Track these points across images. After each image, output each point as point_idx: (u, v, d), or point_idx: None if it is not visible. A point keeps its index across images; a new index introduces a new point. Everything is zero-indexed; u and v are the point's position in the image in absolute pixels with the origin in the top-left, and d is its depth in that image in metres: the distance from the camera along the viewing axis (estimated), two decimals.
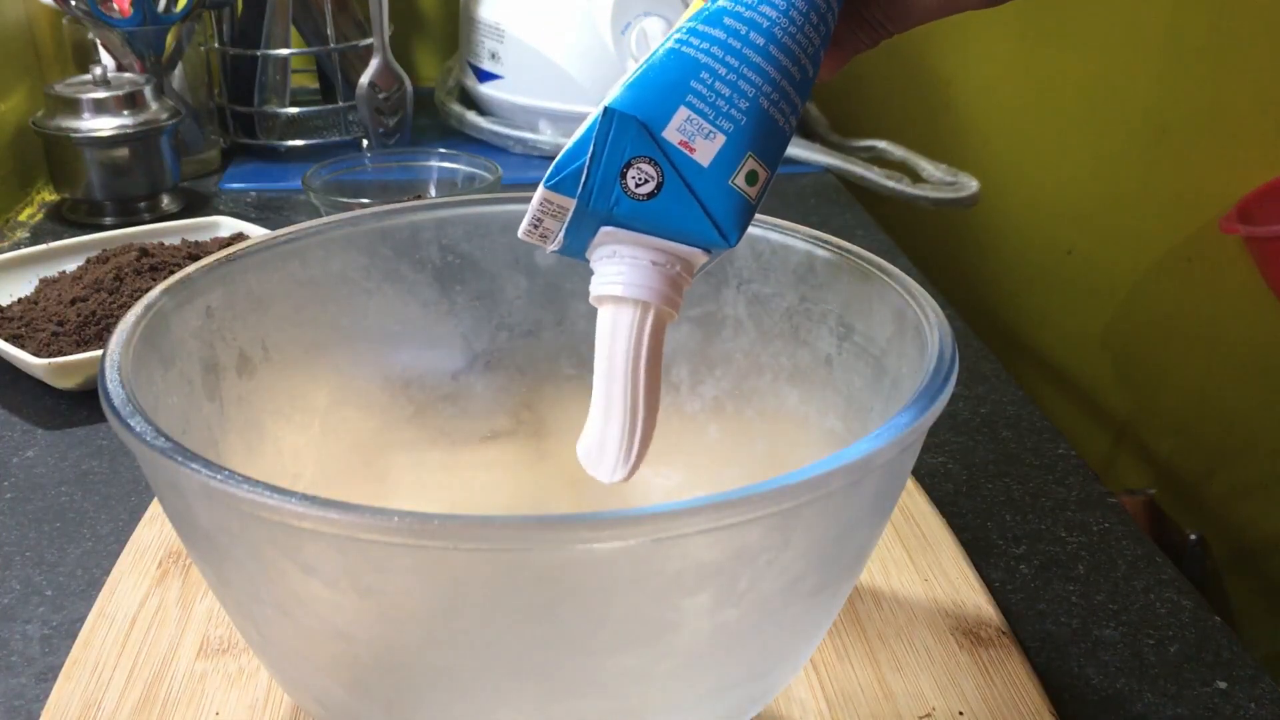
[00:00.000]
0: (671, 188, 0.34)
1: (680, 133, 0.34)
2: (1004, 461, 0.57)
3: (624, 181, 0.34)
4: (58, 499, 0.53)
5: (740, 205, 0.34)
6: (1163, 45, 1.27)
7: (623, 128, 0.33)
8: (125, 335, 0.35)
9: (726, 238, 0.34)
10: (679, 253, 0.35)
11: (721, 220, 0.34)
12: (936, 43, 1.25)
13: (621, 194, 0.34)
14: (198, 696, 0.40)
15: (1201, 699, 0.42)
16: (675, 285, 0.36)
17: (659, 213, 0.34)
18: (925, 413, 0.31)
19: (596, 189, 0.34)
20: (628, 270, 0.35)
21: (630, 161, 0.34)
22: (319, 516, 0.27)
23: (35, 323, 0.63)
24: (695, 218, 0.34)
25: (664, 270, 0.35)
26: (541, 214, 0.36)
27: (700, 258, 0.35)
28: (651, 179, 0.34)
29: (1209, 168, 1.32)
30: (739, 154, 0.34)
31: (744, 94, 0.34)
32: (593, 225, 0.35)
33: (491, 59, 1.02)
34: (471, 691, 0.31)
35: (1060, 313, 1.38)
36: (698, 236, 0.34)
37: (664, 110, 0.34)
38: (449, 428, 0.47)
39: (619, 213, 0.34)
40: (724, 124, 0.34)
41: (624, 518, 0.27)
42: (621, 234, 0.35)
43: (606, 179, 0.34)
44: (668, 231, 0.35)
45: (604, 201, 0.34)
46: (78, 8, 0.89)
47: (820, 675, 0.41)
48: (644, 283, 0.35)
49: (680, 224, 0.34)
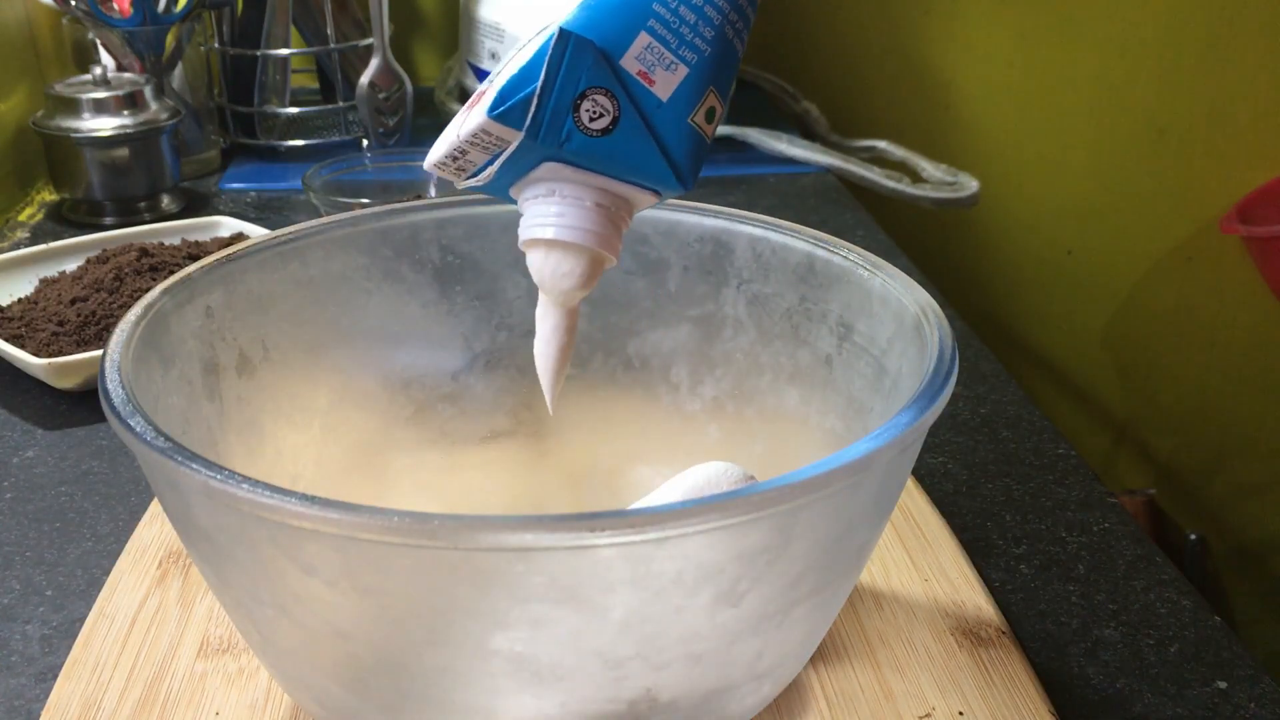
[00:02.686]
0: (628, 123, 0.30)
1: (639, 61, 0.30)
2: (1004, 461, 0.57)
3: (577, 114, 0.30)
4: (58, 499, 0.53)
5: (697, 145, 0.31)
6: (1163, 45, 1.27)
7: (579, 54, 0.30)
8: (125, 335, 0.35)
9: (684, 180, 0.31)
10: (625, 194, 0.32)
11: (679, 161, 0.31)
12: (936, 43, 1.25)
13: (574, 128, 0.30)
14: (198, 696, 0.40)
15: (1201, 699, 0.42)
16: (616, 229, 0.33)
17: (612, 151, 0.31)
18: (925, 413, 0.31)
19: (547, 122, 0.30)
20: (567, 211, 0.32)
21: (585, 92, 0.30)
22: (319, 516, 0.27)
23: (35, 323, 0.63)
24: (651, 158, 0.31)
25: (607, 213, 0.32)
26: (470, 146, 0.32)
27: (648, 200, 0.32)
28: (607, 113, 0.30)
29: (1209, 168, 1.32)
30: (700, 89, 0.31)
31: (710, 21, 0.31)
32: (533, 161, 0.31)
33: (491, 59, 1.02)
34: (471, 691, 0.31)
35: (1060, 313, 1.38)
36: (652, 178, 0.31)
37: (623, 35, 0.30)
38: (449, 428, 0.47)
39: (570, 149, 0.31)
40: (687, 54, 0.30)
41: (624, 518, 0.27)
42: (566, 171, 0.32)
43: (558, 111, 0.30)
44: (620, 171, 0.31)
45: (554, 136, 0.30)
46: (78, 8, 0.89)
47: (820, 675, 0.41)
48: (585, 225, 0.32)
49: (634, 164, 0.31)
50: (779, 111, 1.16)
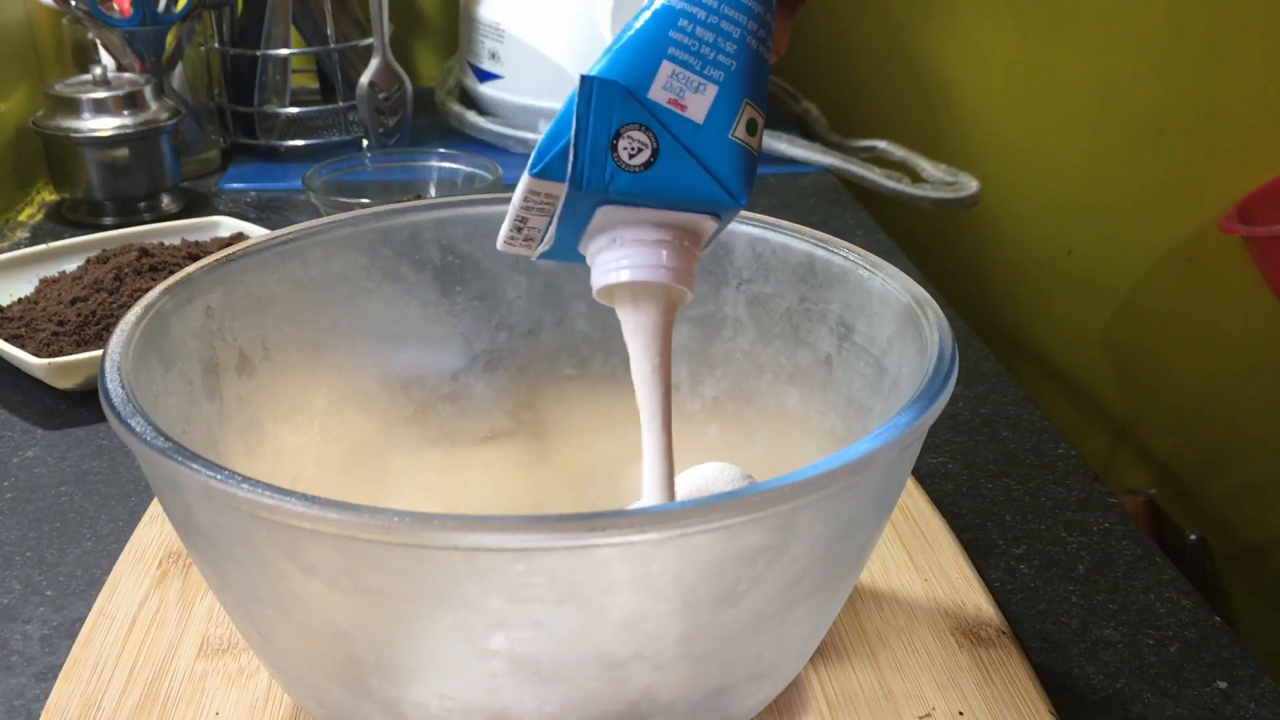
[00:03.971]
0: (668, 153, 0.31)
1: (667, 90, 0.30)
2: (1004, 461, 0.57)
3: (615, 154, 0.31)
4: (58, 499, 0.53)
5: (744, 158, 0.31)
6: (1163, 45, 1.27)
7: (605, 95, 0.30)
8: (125, 335, 0.35)
9: (736, 197, 0.31)
10: (686, 224, 0.32)
11: (727, 179, 0.31)
12: (937, 43, 1.25)
13: (615, 168, 0.31)
14: (198, 696, 0.40)
15: (1201, 699, 0.42)
16: (686, 260, 0.33)
17: (659, 182, 0.31)
18: (925, 413, 0.31)
19: (588, 166, 0.31)
20: (633, 252, 0.32)
21: (619, 131, 0.30)
22: (319, 516, 0.27)
23: (35, 323, 0.63)
24: (699, 180, 0.31)
25: (672, 246, 0.32)
26: (526, 211, 0.32)
27: (710, 225, 0.33)
28: (645, 146, 0.31)
29: (1209, 168, 1.32)
30: (735, 103, 0.31)
31: (729, 35, 0.31)
32: (587, 210, 0.32)
33: (491, 59, 1.02)
34: (471, 691, 0.31)
35: (1060, 313, 1.38)
36: (704, 201, 0.31)
37: (646, 69, 0.30)
38: (449, 428, 0.47)
39: (615, 189, 0.31)
40: (713, 73, 0.31)
41: (624, 518, 0.27)
42: (621, 213, 0.32)
43: (596, 153, 0.31)
44: (671, 200, 0.31)
45: (598, 178, 0.31)
46: (78, 8, 0.89)
47: (820, 675, 0.41)
48: (653, 262, 0.32)
49: (683, 190, 0.31)
50: (779, 111, 1.16)
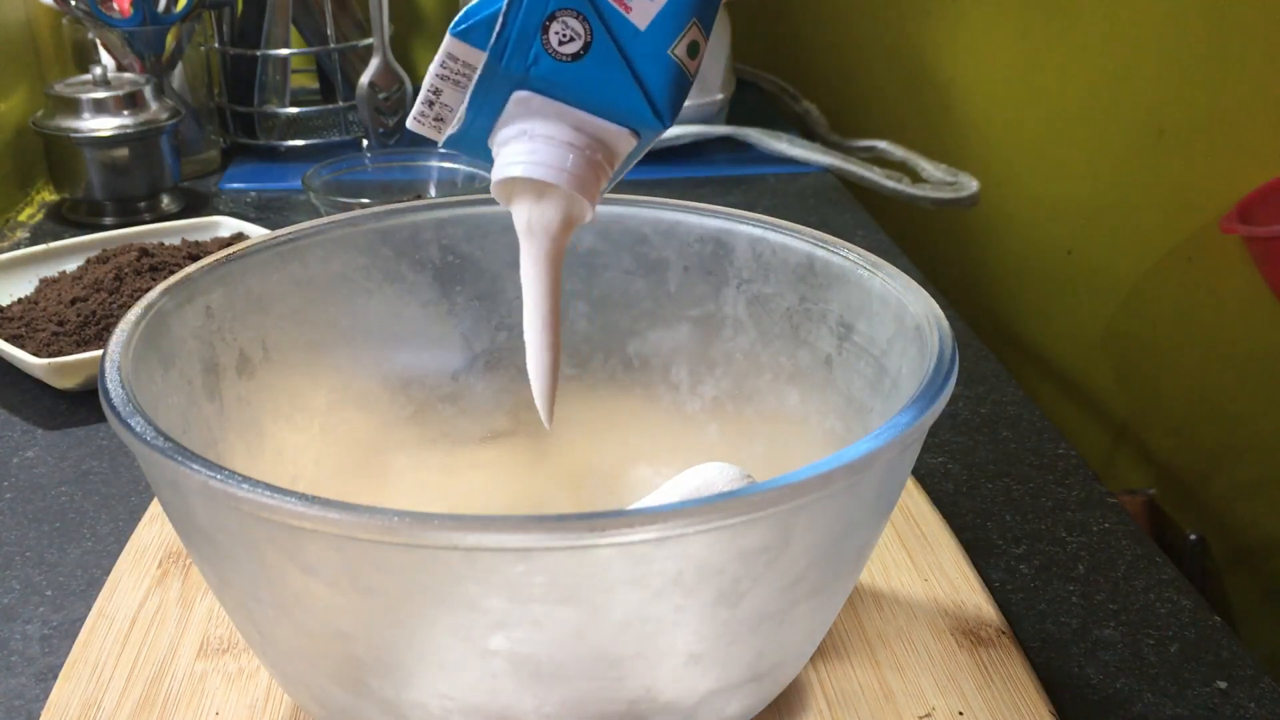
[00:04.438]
0: (600, 49, 0.29)
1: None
2: (1004, 461, 0.57)
3: (545, 35, 0.29)
4: (58, 499, 0.53)
5: (678, 78, 0.30)
6: (1163, 45, 1.27)
7: None
8: (125, 335, 0.35)
9: (661, 115, 0.30)
10: (603, 133, 0.30)
11: (656, 94, 0.30)
12: (936, 43, 1.25)
13: (541, 50, 0.29)
14: (198, 696, 0.40)
15: (1201, 699, 0.42)
16: (594, 172, 0.31)
17: (583, 78, 0.29)
18: (925, 413, 0.31)
19: (513, 41, 0.29)
20: (539, 148, 0.30)
21: (554, 13, 0.29)
22: (319, 516, 0.27)
23: (35, 323, 0.63)
24: (625, 87, 0.30)
25: (582, 154, 0.30)
26: (440, 81, 0.31)
27: (627, 141, 0.31)
28: (578, 37, 0.29)
29: (1209, 168, 1.32)
30: (682, 19, 0.29)
31: None
32: (503, 93, 0.30)
33: None
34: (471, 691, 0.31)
35: (1060, 313, 1.38)
36: (626, 111, 0.30)
37: None
38: (449, 428, 0.47)
39: (536, 74, 0.29)
40: None
41: (624, 518, 0.27)
42: (536, 103, 0.30)
43: (526, 30, 0.29)
44: (591, 102, 0.30)
45: (520, 58, 0.29)
46: (78, 8, 0.89)
47: (820, 675, 0.41)
48: (556, 163, 0.30)
49: (607, 93, 0.30)
50: (779, 111, 1.16)
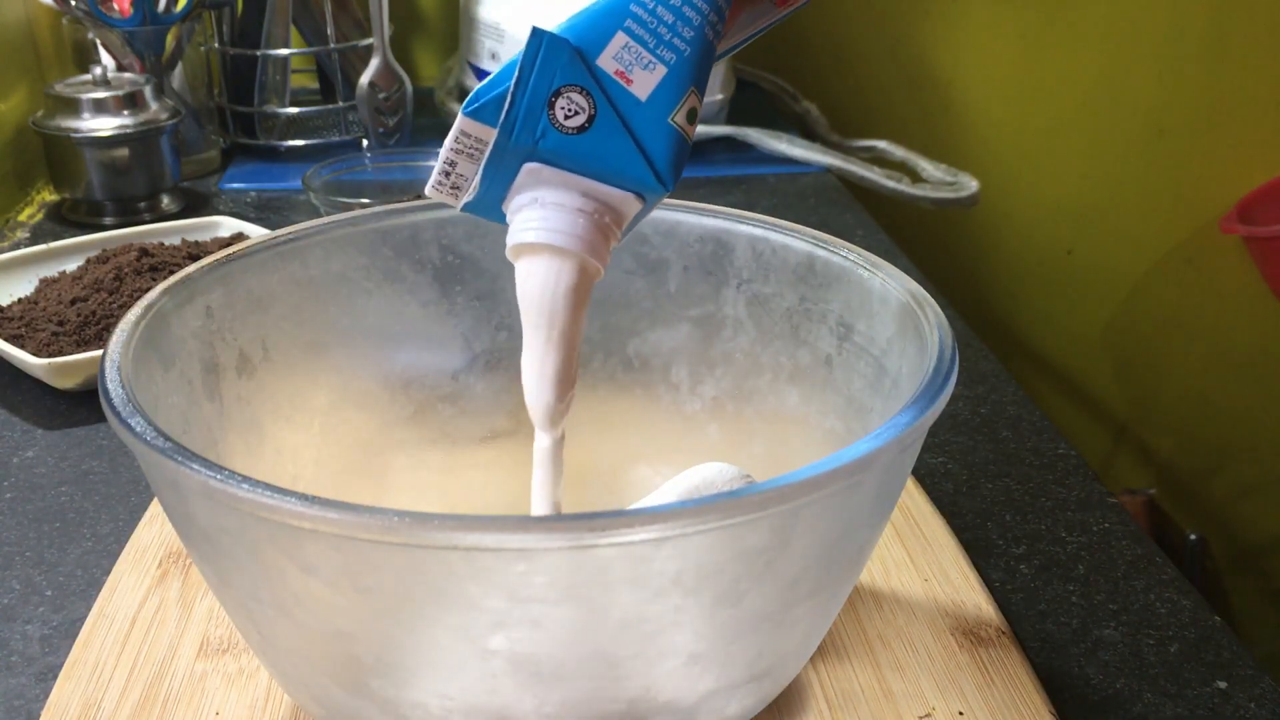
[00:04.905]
0: (604, 122, 0.31)
1: (617, 61, 0.31)
2: (1004, 461, 0.57)
3: (551, 111, 0.31)
4: (58, 499, 0.53)
5: (678, 145, 0.31)
6: (1163, 45, 1.27)
7: (553, 51, 0.30)
8: (125, 335, 0.35)
9: (664, 181, 0.32)
10: (609, 199, 0.32)
11: (658, 160, 0.31)
12: (936, 43, 1.25)
13: (549, 125, 0.31)
14: (198, 696, 0.40)
15: (1201, 699, 0.42)
16: (603, 235, 0.33)
17: (589, 149, 0.31)
18: (925, 413, 0.31)
19: (521, 118, 0.31)
20: (550, 215, 0.32)
21: (559, 90, 0.31)
22: (318, 516, 0.27)
23: (35, 323, 0.63)
24: (629, 157, 0.31)
25: (591, 219, 0.32)
26: (455, 154, 0.32)
27: (633, 205, 0.33)
28: (582, 110, 0.31)
29: (1209, 168, 1.32)
30: (681, 88, 0.31)
31: (689, 21, 0.31)
32: (514, 165, 0.32)
33: (491, 59, 1.02)
34: (471, 691, 0.31)
35: (1060, 313, 1.38)
36: (630, 178, 0.32)
37: (600, 35, 0.31)
38: (449, 428, 0.47)
39: (544, 147, 0.31)
40: (665, 54, 0.31)
41: (624, 518, 0.27)
42: (546, 173, 0.32)
43: (533, 107, 0.31)
44: (598, 170, 0.32)
45: (529, 133, 0.31)
46: (78, 8, 0.89)
47: (820, 675, 0.41)
48: (567, 229, 0.32)
49: (612, 163, 0.31)
50: (779, 111, 1.16)
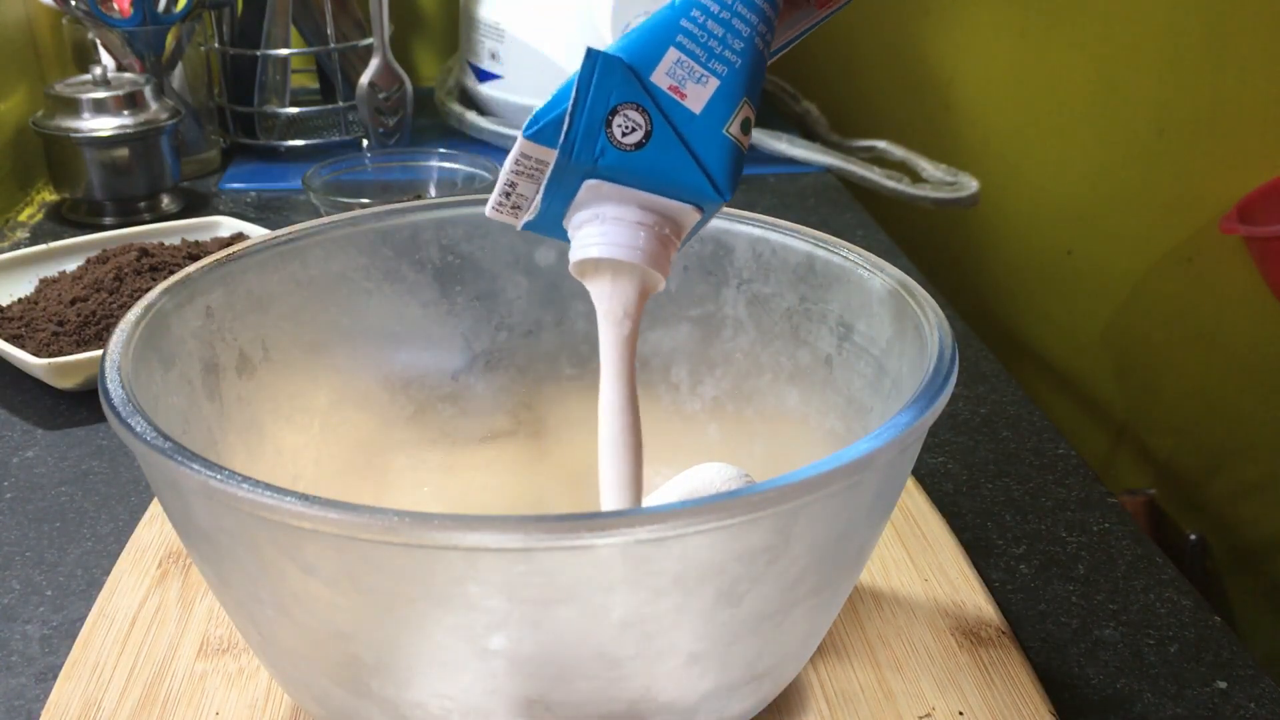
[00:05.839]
0: (661, 137, 0.32)
1: (670, 76, 0.31)
2: (1004, 461, 0.57)
3: (609, 129, 0.31)
4: (58, 499, 0.53)
5: (733, 154, 0.32)
6: (1163, 45, 1.27)
7: (607, 71, 0.31)
8: (125, 335, 0.35)
9: (721, 191, 0.32)
10: (669, 210, 0.33)
11: (715, 172, 0.32)
12: (936, 43, 1.25)
13: (607, 143, 0.32)
14: (198, 696, 0.40)
15: (1201, 699, 0.42)
16: (664, 246, 0.33)
17: (648, 164, 0.32)
18: (925, 413, 0.31)
19: (580, 138, 0.31)
20: (610, 230, 0.33)
21: (616, 108, 0.31)
22: (318, 516, 0.27)
23: (35, 323, 0.63)
24: (686, 168, 0.32)
25: (652, 231, 0.33)
26: (516, 176, 0.33)
27: (692, 216, 0.33)
28: (639, 127, 0.31)
29: (1209, 168, 1.32)
30: (734, 99, 0.32)
31: (738, 33, 0.31)
32: (574, 182, 0.33)
33: (491, 59, 1.02)
34: (471, 691, 0.31)
35: (1060, 313, 1.38)
36: (689, 190, 0.32)
37: (652, 52, 0.31)
38: (449, 428, 0.47)
39: (604, 164, 0.32)
40: (717, 67, 0.31)
41: (624, 518, 0.27)
42: (606, 189, 0.33)
43: (590, 127, 0.31)
44: (657, 185, 0.32)
45: (588, 152, 0.32)
46: (78, 8, 0.89)
47: (820, 675, 0.41)
48: (629, 242, 0.33)
49: (670, 176, 0.32)
50: (779, 111, 1.16)
